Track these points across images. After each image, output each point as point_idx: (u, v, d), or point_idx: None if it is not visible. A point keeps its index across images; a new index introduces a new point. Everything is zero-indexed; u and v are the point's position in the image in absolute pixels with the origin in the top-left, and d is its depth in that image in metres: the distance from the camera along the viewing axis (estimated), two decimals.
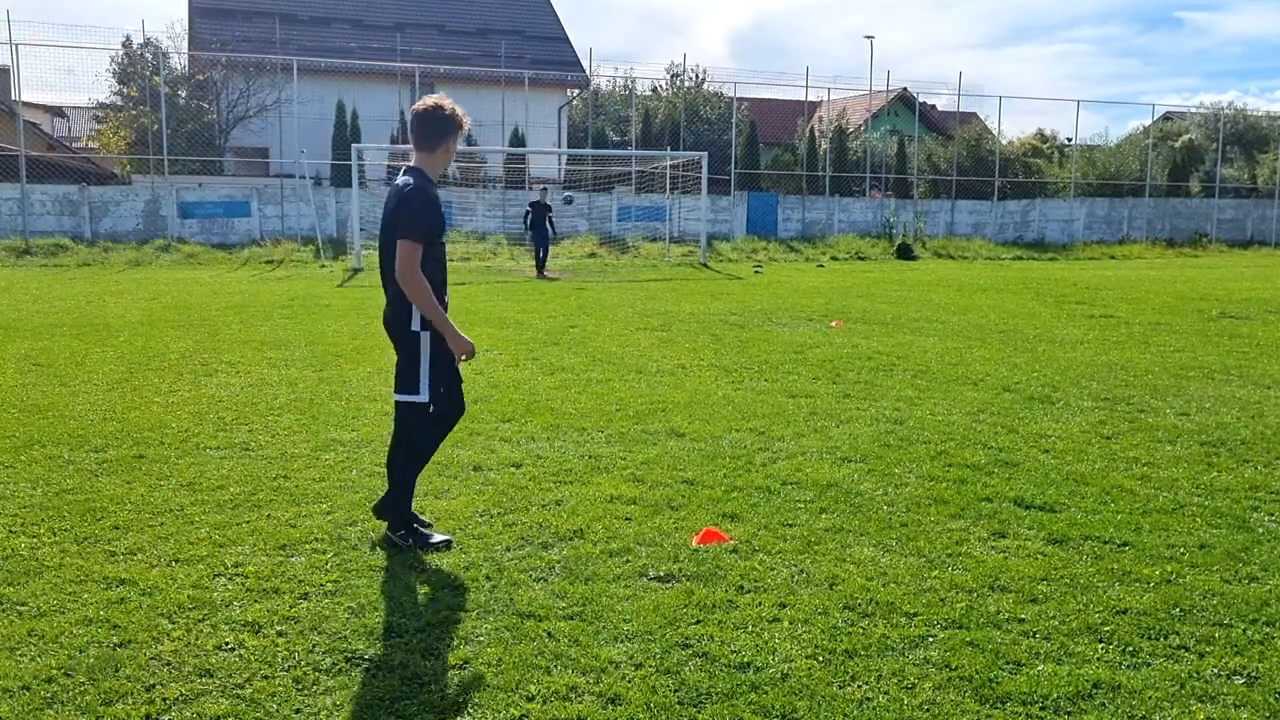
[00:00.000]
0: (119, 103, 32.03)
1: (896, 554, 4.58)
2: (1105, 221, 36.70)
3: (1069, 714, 3.23)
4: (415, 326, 4.44)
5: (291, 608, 3.94)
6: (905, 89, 43.59)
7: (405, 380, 4.52)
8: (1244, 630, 3.81)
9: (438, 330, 4.45)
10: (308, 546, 4.59)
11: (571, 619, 3.86)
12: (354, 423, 7.02)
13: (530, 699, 3.28)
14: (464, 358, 4.52)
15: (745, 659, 3.55)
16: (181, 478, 5.66)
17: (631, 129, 35.88)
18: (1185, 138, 41.52)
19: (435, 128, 4.47)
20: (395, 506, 4.63)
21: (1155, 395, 8.30)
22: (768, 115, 42.41)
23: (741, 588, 4.17)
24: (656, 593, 4.11)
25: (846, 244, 31.09)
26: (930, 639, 3.72)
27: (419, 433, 4.63)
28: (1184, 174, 40.03)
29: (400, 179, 4.47)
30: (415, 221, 4.32)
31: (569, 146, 36.64)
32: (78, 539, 4.65)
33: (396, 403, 4.62)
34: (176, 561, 4.40)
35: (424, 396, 4.50)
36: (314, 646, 3.62)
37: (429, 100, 4.49)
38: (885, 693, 3.34)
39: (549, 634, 3.73)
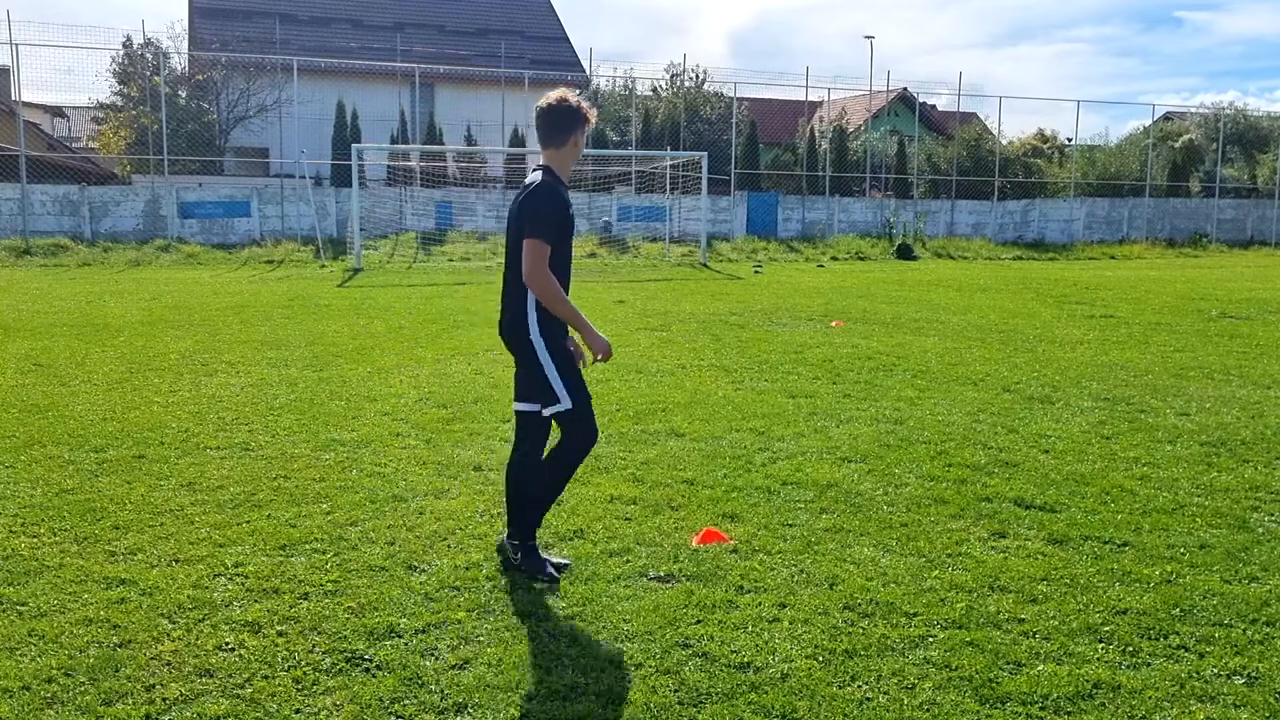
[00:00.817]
0: (119, 103, 32.02)
1: (896, 554, 4.58)
2: (1105, 221, 36.69)
3: (1069, 714, 3.23)
4: (533, 334, 4.22)
5: (291, 608, 3.94)
6: (905, 89, 43.52)
7: (544, 393, 4.27)
8: (1244, 630, 3.81)
9: (556, 337, 4.25)
10: (308, 546, 4.60)
11: (571, 619, 3.87)
12: (354, 423, 7.02)
13: (530, 699, 3.28)
14: (600, 358, 4.25)
15: (745, 659, 3.55)
16: (181, 478, 5.66)
17: (631, 129, 35.86)
18: (1185, 138, 41.47)
19: (562, 122, 4.30)
20: (524, 520, 4.39)
21: (1155, 395, 8.30)
22: (768, 115, 42.32)
23: (741, 588, 4.17)
24: (656, 593, 4.11)
25: (846, 244, 31.09)
26: (930, 639, 3.72)
27: (583, 442, 4.35)
28: (1184, 174, 40.03)
29: (530, 177, 4.35)
30: (542, 221, 4.14)
31: None
32: (78, 539, 4.66)
33: (548, 416, 4.33)
34: (176, 561, 4.41)
35: (567, 403, 4.23)
36: (314, 646, 3.62)
37: (552, 95, 4.34)
38: (885, 693, 3.34)
39: (549, 634, 3.74)
